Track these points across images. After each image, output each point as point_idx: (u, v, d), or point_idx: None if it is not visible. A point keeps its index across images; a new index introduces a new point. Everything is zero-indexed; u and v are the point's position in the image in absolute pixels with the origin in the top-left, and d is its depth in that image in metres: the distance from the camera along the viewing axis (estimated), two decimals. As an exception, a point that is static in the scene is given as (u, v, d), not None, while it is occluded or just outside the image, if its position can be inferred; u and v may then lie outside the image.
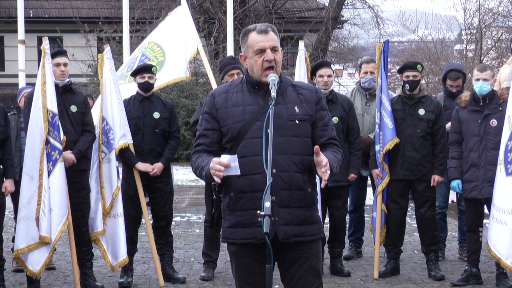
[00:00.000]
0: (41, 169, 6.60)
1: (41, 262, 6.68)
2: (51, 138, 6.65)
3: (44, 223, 6.59)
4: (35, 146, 6.65)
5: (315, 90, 4.15)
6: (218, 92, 4.12)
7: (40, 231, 6.59)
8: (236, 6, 23.17)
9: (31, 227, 6.63)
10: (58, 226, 6.68)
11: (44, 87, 6.66)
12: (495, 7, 26.20)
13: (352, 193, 8.32)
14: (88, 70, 24.30)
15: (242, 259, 4.04)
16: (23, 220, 6.67)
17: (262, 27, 4.03)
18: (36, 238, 6.64)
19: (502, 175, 6.72)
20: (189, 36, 8.68)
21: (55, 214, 6.64)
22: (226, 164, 3.76)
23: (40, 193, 6.58)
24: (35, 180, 6.62)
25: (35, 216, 6.58)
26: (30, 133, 6.69)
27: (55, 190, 6.65)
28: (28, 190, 6.65)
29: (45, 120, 6.62)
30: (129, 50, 10.61)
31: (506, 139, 6.74)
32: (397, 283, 7.35)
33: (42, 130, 6.61)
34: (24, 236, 6.67)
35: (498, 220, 6.74)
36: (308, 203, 4.01)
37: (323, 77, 7.57)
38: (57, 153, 6.67)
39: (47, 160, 6.63)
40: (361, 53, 29.71)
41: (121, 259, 7.07)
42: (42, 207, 6.57)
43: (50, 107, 6.66)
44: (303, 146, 4.00)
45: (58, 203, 6.67)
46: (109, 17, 26.40)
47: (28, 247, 6.65)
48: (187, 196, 15.30)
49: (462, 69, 8.46)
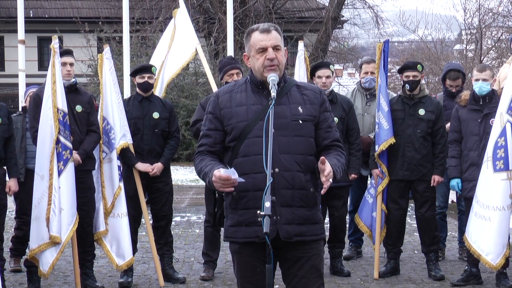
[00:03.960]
0: (51, 168, 6.54)
1: (49, 263, 6.63)
2: (62, 137, 6.60)
3: (55, 223, 6.54)
4: (45, 146, 6.59)
5: (319, 91, 4.18)
6: (223, 92, 4.15)
7: (50, 231, 6.54)
8: (236, 6, 23.17)
9: (41, 227, 6.58)
10: (69, 226, 6.64)
11: (54, 86, 6.61)
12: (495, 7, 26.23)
13: (352, 193, 8.32)
14: (88, 70, 24.29)
15: (244, 258, 4.05)
16: (35, 221, 6.63)
17: (265, 26, 4.06)
18: (46, 239, 6.58)
19: (489, 171, 6.74)
20: (187, 37, 8.68)
21: (65, 214, 6.60)
22: (226, 178, 3.79)
23: (50, 193, 6.54)
24: (45, 180, 6.57)
25: (46, 216, 6.53)
26: (40, 132, 6.64)
27: (66, 190, 6.61)
28: (39, 190, 6.61)
29: (56, 119, 6.58)
30: (129, 50, 10.59)
31: (496, 136, 6.75)
32: (397, 283, 7.35)
33: (52, 129, 6.57)
34: (35, 237, 6.63)
35: (481, 216, 6.76)
36: (310, 203, 4.03)
37: (321, 78, 7.57)
38: (68, 152, 6.63)
39: (57, 159, 6.57)
40: (361, 53, 29.73)
41: (127, 259, 7.08)
42: (52, 207, 6.53)
43: (60, 106, 6.63)
44: (306, 146, 4.02)
45: (68, 203, 6.62)
46: (109, 17, 26.39)
47: (39, 248, 6.61)
48: (187, 196, 15.29)
49: (461, 69, 8.46)
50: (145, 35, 24.35)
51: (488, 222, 6.72)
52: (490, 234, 6.73)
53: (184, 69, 23.48)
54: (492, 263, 6.74)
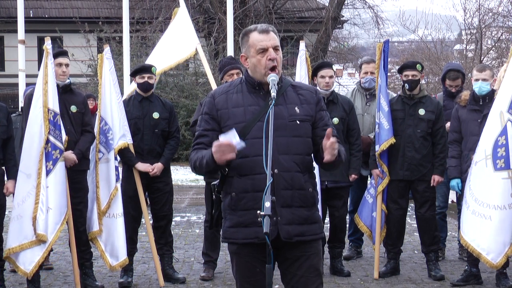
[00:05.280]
0: (39, 167, 6.57)
1: (34, 262, 6.61)
2: (52, 137, 6.62)
3: (42, 221, 6.56)
4: (33, 145, 6.60)
5: (314, 90, 4.19)
6: (218, 93, 4.13)
7: (37, 229, 6.54)
8: (236, 6, 23.17)
9: (24, 225, 6.57)
10: (56, 226, 6.65)
11: (45, 87, 6.63)
12: (495, 7, 26.19)
13: (352, 193, 8.32)
14: (88, 70, 24.29)
15: (243, 258, 4.05)
16: (17, 219, 6.61)
17: (263, 27, 4.06)
18: (29, 237, 6.57)
19: (489, 169, 6.72)
20: (187, 36, 8.68)
21: (53, 213, 6.61)
22: (227, 143, 3.77)
23: (38, 192, 6.55)
24: (33, 178, 6.57)
25: (32, 215, 6.54)
26: (28, 131, 6.66)
27: (54, 189, 6.63)
28: (24, 189, 6.61)
29: (46, 119, 6.60)
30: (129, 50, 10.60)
31: (496, 134, 6.74)
32: (397, 283, 7.35)
33: (42, 129, 6.59)
34: (16, 235, 6.61)
35: (480, 215, 6.73)
36: (310, 203, 4.04)
37: (324, 78, 7.57)
38: (58, 152, 6.65)
39: (46, 159, 6.59)
40: (361, 53, 29.71)
41: (121, 259, 7.06)
42: (40, 206, 6.54)
43: (51, 106, 6.64)
44: (304, 147, 4.04)
45: (57, 202, 6.64)
46: (109, 17, 26.39)
47: (21, 246, 6.59)
48: (187, 196, 15.29)
49: (461, 69, 8.46)
50: (145, 35, 24.35)
51: (488, 220, 6.70)
52: (490, 232, 6.72)
53: (184, 69, 23.64)
54: (493, 262, 6.73)
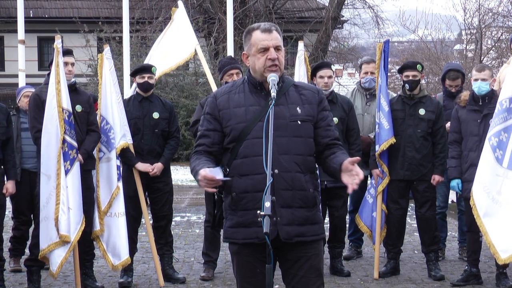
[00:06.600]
0: (58, 168, 6.54)
1: (58, 263, 6.61)
2: (68, 137, 6.60)
3: (64, 222, 6.53)
4: (51, 146, 6.58)
5: (317, 91, 4.17)
6: (220, 93, 4.13)
7: (60, 230, 6.53)
8: (236, 6, 23.16)
9: (49, 227, 6.57)
10: (77, 226, 6.64)
11: (58, 86, 6.60)
12: (495, 7, 26.19)
13: (352, 193, 8.28)
14: (88, 70, 24.29)
15: (244, 258, 4.05)
16: (44, 221, 6.61)
17: (266, 26, 4.05)
18: (54, 238, 6.56)
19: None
20: (186, 37, 8.67)
21: (73, 213, 6.60)
22: (210, 178, 3.78)
23: (58, 193, 6.52)
24: (52, 179, 6.55)
25: (54, 216, 6.52)
26: (45, 132, 6.62)
27: (72, 189, 6.61)
28: (46, 190, 6.60)
29: (61, 119, 6.58)
30: (129, 50, 10.59)
31: None
32: (397, 283, 7.35)
33: (58, 129, 6.56)
34: (45, 237, 6.61)
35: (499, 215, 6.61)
36: (310, 203, 4.03)
37: (323, 78, 7.57)
38: (75, 151, 6.64)
39: (64, 159, 6.57)
40: (361, 53, 29.71)
41: (123, 259, 7.06)
42: (61, 206, 6.52)
43: (65, 105, 6.63)
44: (305, 147, 4.02)
45: (76, 202, 6.63)
46: (109, 17, 26.38)
47: (48, 248, 6.60)
48: (187, 196, 15.30)
49: (461, 69, 8.46)
50: (145, 35, 24.34)
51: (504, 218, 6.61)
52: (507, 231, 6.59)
53: (184, 69, 23.64)
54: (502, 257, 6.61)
